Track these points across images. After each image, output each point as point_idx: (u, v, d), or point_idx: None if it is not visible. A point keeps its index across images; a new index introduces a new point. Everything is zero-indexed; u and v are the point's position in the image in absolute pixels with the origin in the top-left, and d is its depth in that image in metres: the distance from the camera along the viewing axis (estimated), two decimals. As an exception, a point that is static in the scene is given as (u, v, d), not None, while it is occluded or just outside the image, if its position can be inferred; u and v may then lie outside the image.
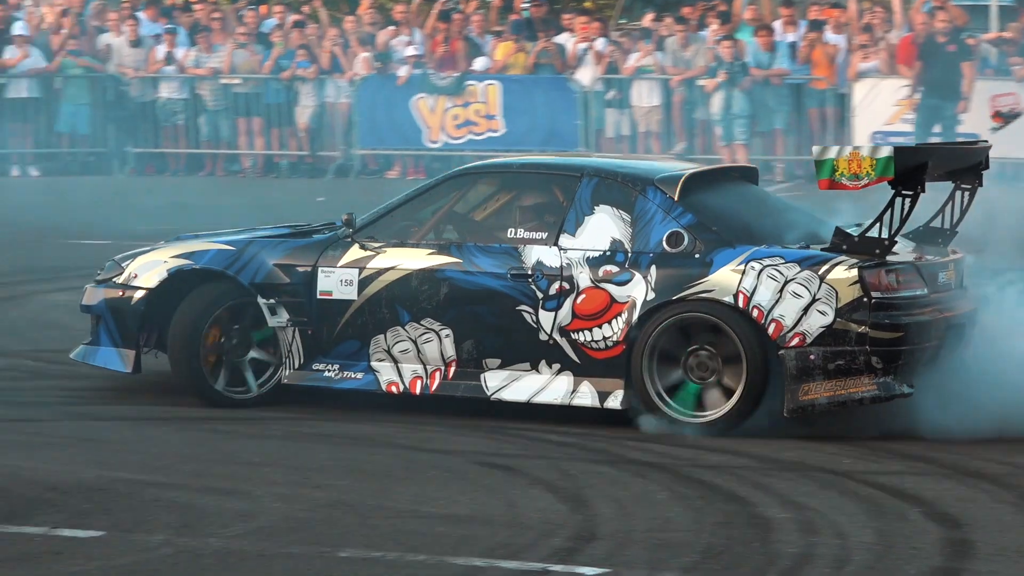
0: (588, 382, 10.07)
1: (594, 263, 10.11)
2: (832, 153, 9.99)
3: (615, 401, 9.89)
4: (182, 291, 10.44)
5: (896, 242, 9.79)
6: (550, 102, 29.84)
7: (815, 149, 10.23)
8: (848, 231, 10.15)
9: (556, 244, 10.20)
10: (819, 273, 9.64)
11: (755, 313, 9.66)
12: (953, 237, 10.47)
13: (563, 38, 30.29)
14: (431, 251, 10.38)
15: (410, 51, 29.92)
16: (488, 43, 30.79)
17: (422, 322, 10.27)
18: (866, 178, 9.80)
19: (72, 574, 7.12)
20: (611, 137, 29.23)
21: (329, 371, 10.54)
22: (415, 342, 10.33)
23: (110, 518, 8.24)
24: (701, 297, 9.72)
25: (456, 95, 29.83)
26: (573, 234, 10.22)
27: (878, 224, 9.76)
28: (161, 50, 29.19)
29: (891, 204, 9.67)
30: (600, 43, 29.79)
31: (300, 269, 10.42)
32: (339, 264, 10.35)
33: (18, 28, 29.27)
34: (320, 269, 10.35)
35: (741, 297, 9.65)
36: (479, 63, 30.04)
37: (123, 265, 10.53)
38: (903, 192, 9.62)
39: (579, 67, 29.77)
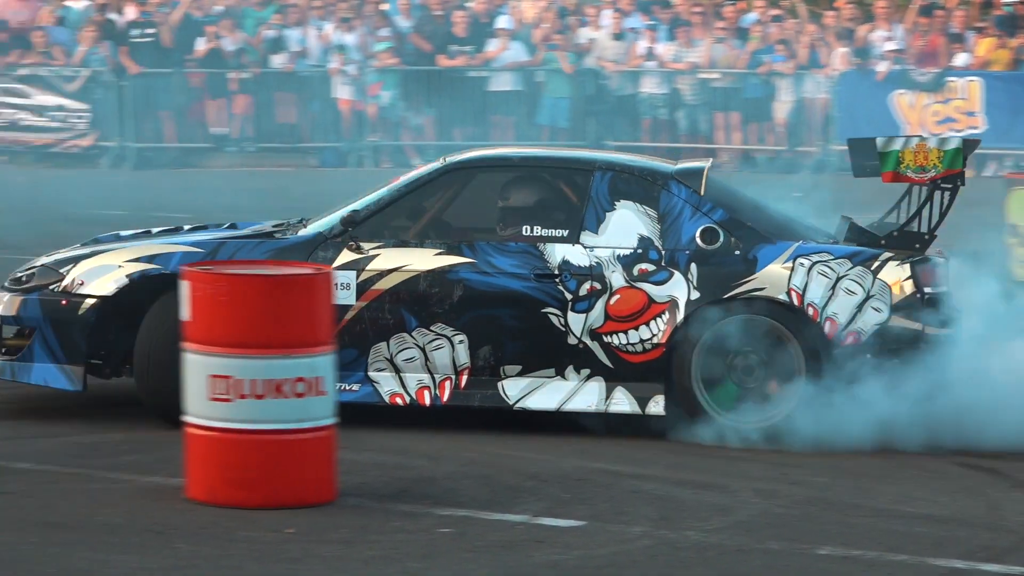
0: (623, 387, 9.83)
1: (626, 262, 9.83)
2: (898, 144, 10.08)
3: (657, 407, 9.68)
4: (143, 300, 9.80)
5: (936, 236, 9.91)
6: (1035, 99, 31.00)
7: (879, 140, 10.23)
8: (863, 227, 10.40)
9: (579, 242, 9.93)
10: (871, 269, 9.70)
11: (810, 311, 9.61)
12: (932, 241, 10.13)
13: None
14: (439, 251, 10.05)
15: (890, 46, 29.58)
16: (970, 39, 30.26)
17: (432, 328, 9.92)
18: (933, 170, 9.90)
19: (552, 563, 7.18)
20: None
21: None
22: (423, 349, 10.01)
23: (589, 508, 8.41)
24: (754, 296, 9.58)
25: (936, 91, 29.31)
26: (595, 231, 9.94)
27: (916, 218, 9.93)
28: (642, 45, 29.35)
29: (930, 198, 9.83)
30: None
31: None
32: (333, 267, 9.84)
33: (502, 22, 29.73)
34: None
35: (794, 295, 9.58)
36: (960, 59, 29.68)
37: (61, 271, 9.81)
38: (942, 186, 9.75)
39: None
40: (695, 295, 9.64)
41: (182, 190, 24.72)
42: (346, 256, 9.77)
